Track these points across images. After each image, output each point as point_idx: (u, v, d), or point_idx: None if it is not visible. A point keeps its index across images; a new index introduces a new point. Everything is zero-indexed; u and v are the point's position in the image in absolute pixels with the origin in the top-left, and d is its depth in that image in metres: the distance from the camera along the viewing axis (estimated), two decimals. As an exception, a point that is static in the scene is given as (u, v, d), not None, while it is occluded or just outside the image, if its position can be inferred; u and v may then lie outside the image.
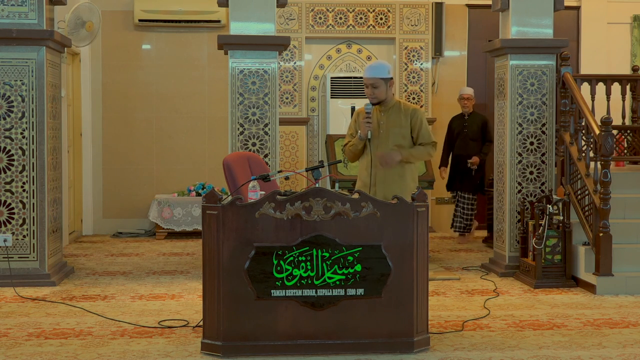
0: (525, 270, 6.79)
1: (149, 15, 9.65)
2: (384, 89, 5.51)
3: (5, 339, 4.89)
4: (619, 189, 6.81)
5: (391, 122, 5.54)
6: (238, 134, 6.88)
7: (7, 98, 6.64)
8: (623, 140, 8.01)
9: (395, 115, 5.55)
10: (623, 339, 4.97)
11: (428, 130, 5.59)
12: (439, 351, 4.66)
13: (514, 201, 7.20)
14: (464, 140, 9.00)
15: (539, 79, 7.21)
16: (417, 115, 5.56)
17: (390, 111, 5.56)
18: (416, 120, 5.56)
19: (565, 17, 9.86)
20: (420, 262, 4.61)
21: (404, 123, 5.53)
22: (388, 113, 5.56)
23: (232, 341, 4.52)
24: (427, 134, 5.58)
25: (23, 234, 6.67)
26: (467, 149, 8.97)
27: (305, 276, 4.52)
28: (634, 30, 10.16)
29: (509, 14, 7.19)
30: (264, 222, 4.50)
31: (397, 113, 5.55)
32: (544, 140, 7.21)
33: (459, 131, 9.05)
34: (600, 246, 6.30)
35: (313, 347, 4.53)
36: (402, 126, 5.53)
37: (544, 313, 5.64)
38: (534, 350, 4.69)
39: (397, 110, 5.56)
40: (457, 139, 9.06)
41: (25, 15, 6.64)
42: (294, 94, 9.74)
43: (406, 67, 9.85)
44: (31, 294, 6.20)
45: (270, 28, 6.84)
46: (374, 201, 4.56)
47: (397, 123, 5.53)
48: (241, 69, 6.84)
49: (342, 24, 9.78)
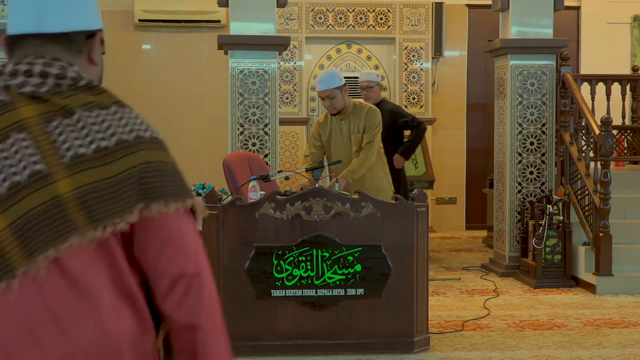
0: (525, 270, 6.79)
1: (149, 15, 9.65)
2: (341, 96, 5.53)
3: (5, 339, 4.89)
4: (619, 189, 6.80)
5: (352, 129, 5.58)
6: (238, 134, 6.87)
7: (7, 98, 6.63)
8: (623, 140, 8.00)
9: (354, 121, 5.59)
10: (623, 339, 4.97)
11: (373, 130, 5.55)
12: (439, 351, 4.66)
13: (514, 201, 7.20)
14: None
15: (539, 79, 7.21)
16: (368, 116, 5.57)
17: (350, 117, 5.60)
18: (367, 122, 5.56)
19: (565, 17, 9.86)
20: (420, 262, 4.61)
21: (361, 127, 5.58)
22: (348, 119, 5.60)
23: (232, 341, 4.46)
24: (369, 134, 5.55)
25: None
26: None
27: (305, 276, 4.52)
28: (634, 30, 10.15)
29: (509, 14, 7.18)
30: (264, 222, 4.50)
31: (355, 118, 5.59)
32: (544, 140, 7.21)
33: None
34: (600, 246, 6.30)
35: (313, 347, 4.53)
36: (360, 131, 5.58)
37: (544, 313, 5.64)
38: (534, 350, 4.69)
39: (355, 115, 5.60)
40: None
41: (25, 15, 6.63)
42: (294, 94, 9.73)
43: (406, 67, 9.85)
44: (31, 294, 6.19)
45: (270, 28, 6.84)
46: (374, 201, 4.56)
47: (357, 128, 5.58)
48: (241, 69, 6.84)
49: (342, 24, 9.78)
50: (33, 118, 1.48)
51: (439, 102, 10.05)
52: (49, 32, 1.54)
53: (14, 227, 1.42)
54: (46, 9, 1.54)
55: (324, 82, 5.50)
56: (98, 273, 1.44)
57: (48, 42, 1.55)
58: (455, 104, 10.14)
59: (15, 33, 1.55)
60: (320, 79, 5.53)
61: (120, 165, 1.46)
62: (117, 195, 1.45)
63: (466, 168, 10.23)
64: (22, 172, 1.44)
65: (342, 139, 5.59)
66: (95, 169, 1.45)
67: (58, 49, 1.55)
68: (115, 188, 1.45)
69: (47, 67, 1.51)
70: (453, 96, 10.13)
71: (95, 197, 1.44)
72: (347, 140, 5.58)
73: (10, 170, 1.44)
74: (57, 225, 1.42)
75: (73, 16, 1.55)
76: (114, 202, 1.44)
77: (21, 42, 1.55)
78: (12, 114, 1.48)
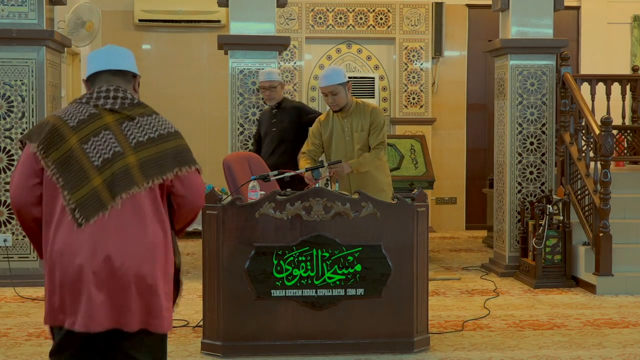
0: (525, 270, 6.79)
1: (149, 15, 9.65)
2: (344, 94, 5.51)
3: (5, 339, 4.89)
4: (619, 189, 6.81)
5: (355, 127, 5.55)
6: (238, 134, 6.88)
7: (7, 98, 6.64)
8: (623, 140, 8.00)
9: (357, 119, 5.55)
10: (623, 339, 4.97)
11: (381, 130, 5.54)
12: (439, 351, 4.66)
13: (514, 201, 7.20)
14: (272, 142, 6.55)
15: (539, 79, 7.21)
16: (374, 115, 5.54)
17: (352, 115, 5.57)
18: (373, 121, 5.53)
19: (565, 17, 9.86)
20: (420, 262, 4.61)
21: (365, 126, 5.54)
22: (350, 118, 5.57)
23: (232, 341, 4.52)
24: (379, 135, 5.53)
25: (23, 234, 6.67)
26: (281, 156, 6.47)
27: (305, 276, 4.52)
28: (634, 30, 10.15)
29: (509, 14, 7.19)
30: (264, 222, 4.50)
31: (358, 116, 5.55)
32: (544, 140, 7.21)
33: (266, 131, 6.61)
34: (600, 246, 6.30)
35: (313, 347, 4.53)
36: (364, 129, 5.54)
37: (544, 313, 5.64)
38: (534, 350, 4.69)
39: (358, 113, 5.56)
40: (264, 143, 6.62)
41: (25, 15, 6.64)
42: (294, 94, 9.73)
43: (406, 67, 9.85)
44: (31, 294, 6.20)
45: (270, 28, 6.84)
46: (374, 201, 4.56)
47: (360, 127, 5.54)
48: (241, 69, 6.84)
49: (342, 24, 9.78)
50: (112, 122, 2.75)
51: (439, 102, 10.05)
52: (114, 69, 2.85)
53: (105, 182, 2.69)
54: (112, 57, 2.86)
55: (328, 78, 5.49)
56: (147, 206, 2.74)
57: (113, 75, 2.85)
58: (455, 104, 10.15)
59: (94, 71, 2.84)
60: (324, 75, 5.51)
61: (161, 147, 2.77)
62: (160, 164, 2.75)
63: (466, 168, 10.24)
64: (108, 152, 2.71)
65: (343, 137, 5.58)
66: (148, 149, 2.75)
67: (119, 80, 2.85)
68: (160, 161, 2.75)
69: (116, 92, 2.80)
70: (453, 96, 10.13)
71: (148, 165, 2.73)
72: (350, 138, 5.56)
73: (102, 151, 2.71)
74: (126, 180, 2.70)
75: (126, 62, 2.88)
76: (158, 168, 2.74)
77: (98, 77, 2.85)
78: (100, 120, 2.75)
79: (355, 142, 5.55)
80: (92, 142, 2.72)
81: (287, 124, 6.49)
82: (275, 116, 6.56)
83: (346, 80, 5.51)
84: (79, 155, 2.70)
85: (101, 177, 2.69)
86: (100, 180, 2.68)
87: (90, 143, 2.72)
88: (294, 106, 6.64)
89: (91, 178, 2.69)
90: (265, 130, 6.59)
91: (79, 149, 2.71)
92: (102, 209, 2.67)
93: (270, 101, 6.55)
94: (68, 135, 2.71)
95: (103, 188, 2.68)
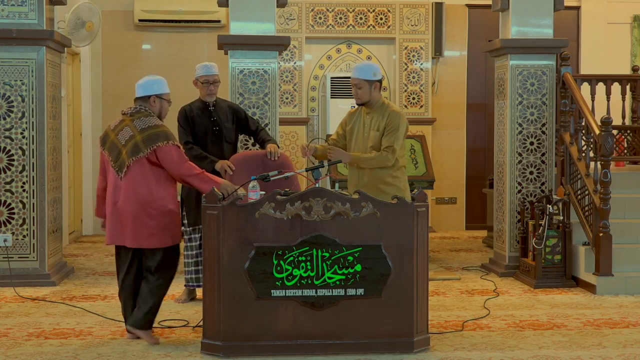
0: (525, 270, 6.79)
1: (149, 15, 9.65)
2: (368, 90, 5.49)
3: (5, 339, 4.89)
4: (619, 189, 6.81)
5: (373, 125, 5.55)
6: (238, 134, 6.85)
7: (7, 98, 6.64)
8: (623, 140, 8.01)
9: (377, 118, 5.54)
10: (623, 339, 4.97)
11: (394, 134, 5.45)
12: (439, 351, 4.66)
13: (514, 201, 7.20)
14: (216, 143, 6.06)
15: (539, 79, 7.21)
16: (390, 118, 5.48)
17: (374, 113, 5.55)
18: (388, 123, 5.50)
19: (565, 17, 9.86)
20: (420, 262, 4.61)
21: (381, 126, 5.52)
22: (372, 115, 5.56)
23: (232, 341, 4.52)
24: (390, 138, 5.46)
25: (23, 234, 6.67)
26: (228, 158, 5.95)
27: (305, 276, 4.52)
28: (634, 30, 10.16)
29: (509, 14, 7.19)
30: (264, 222, 4.50)
31: (379, 116, 5.53)
32: (544, 140, 7.21)
33: (206, 130, 6.06)
34: (600, 246, 6.30)
35: (313, 347, 4.53)
36: (379, 129, 5.51)
37: (544, 313, 5.64)
38: (534, 350, 4.69)
39: (380, 113, 5.53)
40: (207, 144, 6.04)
41: (25, 15, 6.64)
42: (294, 94, 9.73)
43: (406, 67, 9.85)
44: (31, 294, 6.20)
45: (270, 28, 6.84)
46: (374, 201, 4.56)
47: (377, 126, 5.53)
48: (241, 69, 6.84)
49: (342, 24, 9.78)
50: (129, 121, 4.88)
51: (439, 102, 10.05)
52: (137, 96, 4.98)
53: (126, 152, 4.78)
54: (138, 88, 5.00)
55: (357, 71, 5.52)
56: (150, 168, 4.80)
57: (139, 98, 4.98)
58: (455, 104, 10.14)
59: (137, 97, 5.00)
60: (356, 67, 5.56)
61: (153, 131, 4.81)
62: (153, 140, 4.78)
63: (466, 168, 10.23)
64: (127, 136, 4.83)
65: (362, 133, 5.57)
66: (147, 132, 4.80)
67: (140, 100, 4.99)
68: (153, 138, 4.78)
69: (135, 108, 4.96)
70: (453, 96, 10.13)
71: (147, 140, 4.78)
72: (367, 135, 5.55)
73: (125, 137, 4.83)
74: (135, 149, 4.78)
75: (147, 89, 5.00)
76: (153, 142, 4.77)
77: (135, 100, 5.00)
78: (124, 122, 4.91)
79: (370, 139, 5.53)
80: (120, 134, 4.87)
81: (230, 124, 6.10)
82: (212, 114, 6.07)
83: (375, 78, 5.48)
84: (115, 142, 4.86)
85: (126, 151, 4.79)
86: (125, 150, 4.79)
87: (120, 134, 4.87)
88: (229, 105, 6.21)
89: (122, 152, 4.81)
90: (204, 129, 6.03)
91: (115, 139, 4.87)
92: (123, 169, 4.79)
93: (210, 97, 6.05)
94: (111, 135, 4.92)
95: (125, 155, 4.79)
